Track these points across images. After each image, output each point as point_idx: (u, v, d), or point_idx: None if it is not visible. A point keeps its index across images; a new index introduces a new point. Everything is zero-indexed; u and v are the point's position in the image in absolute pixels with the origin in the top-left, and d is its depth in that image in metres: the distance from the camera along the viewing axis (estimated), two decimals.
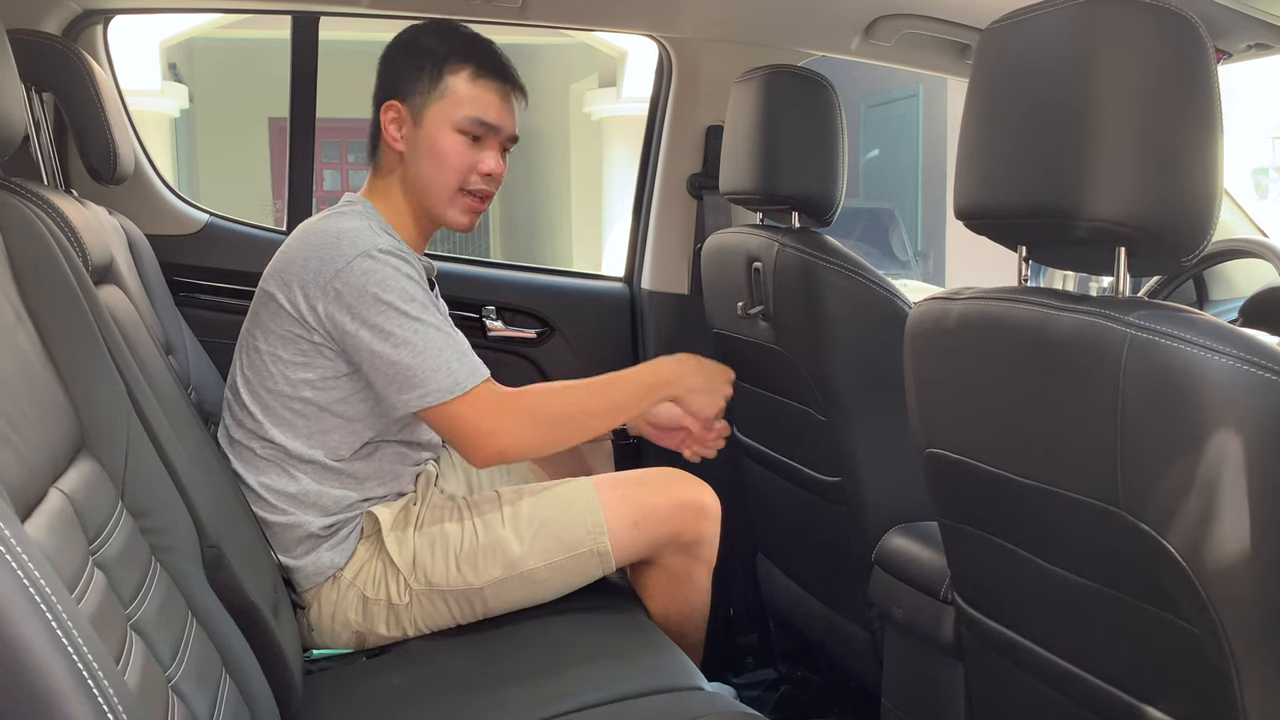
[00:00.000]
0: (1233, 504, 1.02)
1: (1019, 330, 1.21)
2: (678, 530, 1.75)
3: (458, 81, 1.76)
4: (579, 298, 2.69)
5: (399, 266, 1.64)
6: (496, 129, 1.78)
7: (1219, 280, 2.41)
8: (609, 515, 1.72)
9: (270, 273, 1.72)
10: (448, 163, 1.76)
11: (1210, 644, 1.07)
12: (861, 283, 1.84)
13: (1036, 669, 1.35)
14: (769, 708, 2.37)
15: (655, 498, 1.75)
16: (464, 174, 1.77)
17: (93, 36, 2.32)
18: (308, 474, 1.70)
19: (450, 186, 1.77)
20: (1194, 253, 1.11)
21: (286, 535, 1.70)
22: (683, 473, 1.82)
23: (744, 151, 1.98)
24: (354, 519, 1.73)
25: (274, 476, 1.70)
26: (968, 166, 1.27)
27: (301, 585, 1.71)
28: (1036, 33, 1.17)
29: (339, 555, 1.70)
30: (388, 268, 1.63)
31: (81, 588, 0.97)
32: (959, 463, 1.35)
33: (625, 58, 9.20)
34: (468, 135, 1.76)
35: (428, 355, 1.62)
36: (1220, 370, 1.01)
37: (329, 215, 1.76)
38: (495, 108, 1.77)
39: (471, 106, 1.76)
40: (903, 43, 2.32)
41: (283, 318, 1.67)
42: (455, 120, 1.75)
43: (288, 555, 1.70)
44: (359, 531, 1.73)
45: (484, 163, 1.77)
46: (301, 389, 1.69)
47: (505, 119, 1.79)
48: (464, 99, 1.75)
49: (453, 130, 1.76)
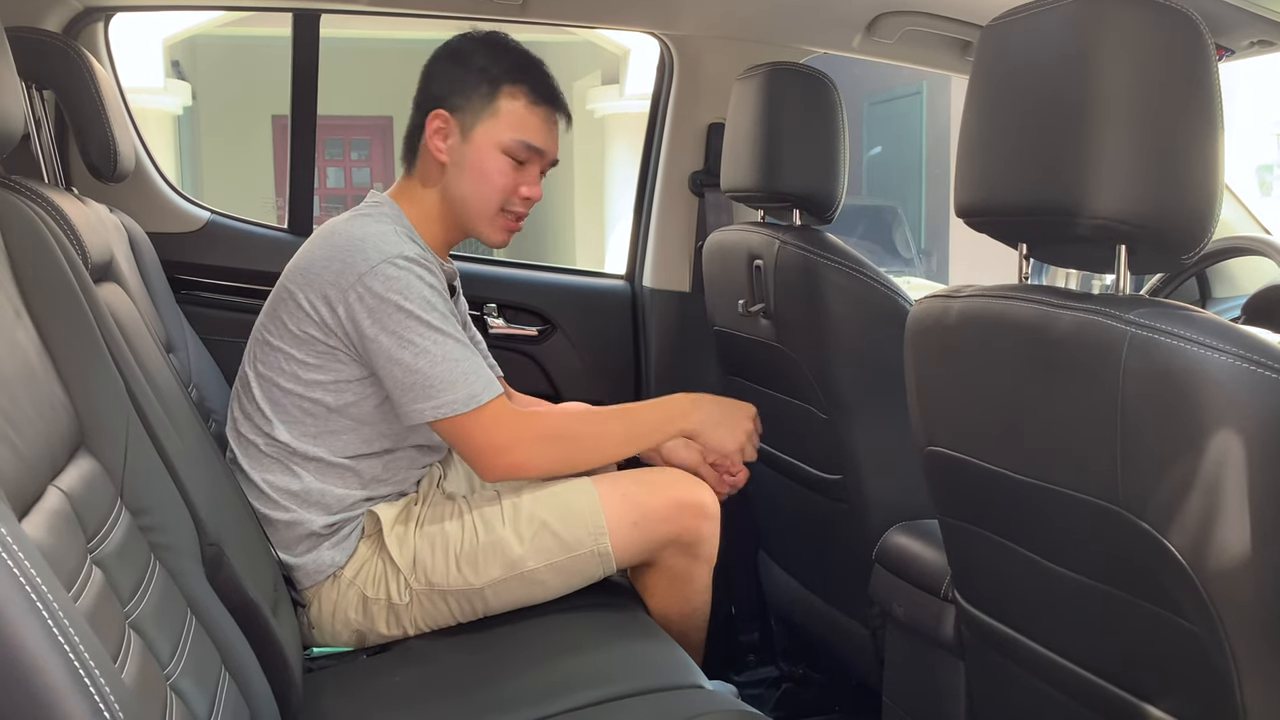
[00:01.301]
0: (1234, 503, 1.01)
1: (1019, 328, 1.21)
2: (678, 530, 1.74)
3: (512, 104, 1.76)
4: (580, 295, 2.69)
5: (422, 276, 1.64)
6: (542, 154, 1.78)
7: (1222, 278, 2.40)
8: (609, 515, 1.71)
9: (291, 270, 1.72)
10: (492, 182, 1.77)
11: (1210, 643, 1.07)
12: (862, 280, 1.83)
13: (1037, 667, 1.34)
14: (770, 705, 2.37)
15: (654, 497, 1.74)
16: (506, 195, 1.78)
17: (94, 34, 2.32)
18: (311, 472, 1.70)
19: (492, 206, 1.78)
20: (1195, 250, 1.10)
21: (288, 533, 1.70)
22: (681, 472, 1.81)
23: (745, 149, 1.98)
24: (355, 518, 1.72)
25: (278, 474, 1.70)
26: (968, 164, 1.26)
27: (302, 583, 1.71)
28: (1037, 29, 1.17)
29: (339, 554, 1.70)
30: (411, 275, 1.63)
31: (79, 586, 0.96)
32: (959, 461, 1.35)
33: (628, 55, 9.19)
34: (513, 158, 1.76)
35: (446, 366, 1.62)
36: (1221, 368, 1.01)
37: (354, 217, 1.75)
38: (543, 133, 1.78)
39: (522, 131, 1.76)
40: (905, 40, 2.32)
41: (301, 318, 1.67)
42: (503, 142, 1.75)
43: (288, 553, 1.70)
44: (360, 530, 1.73)
45: (526, 186, 1.78)
46: (314, 390, 1.69)
47: (551, 144, 1.80)
48: (515, 123, 1.76)
49: (499, 151, 1.76)
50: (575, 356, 2.58)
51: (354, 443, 1.71)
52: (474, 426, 1.64)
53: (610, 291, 2.69)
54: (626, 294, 2.67)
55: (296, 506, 1.69)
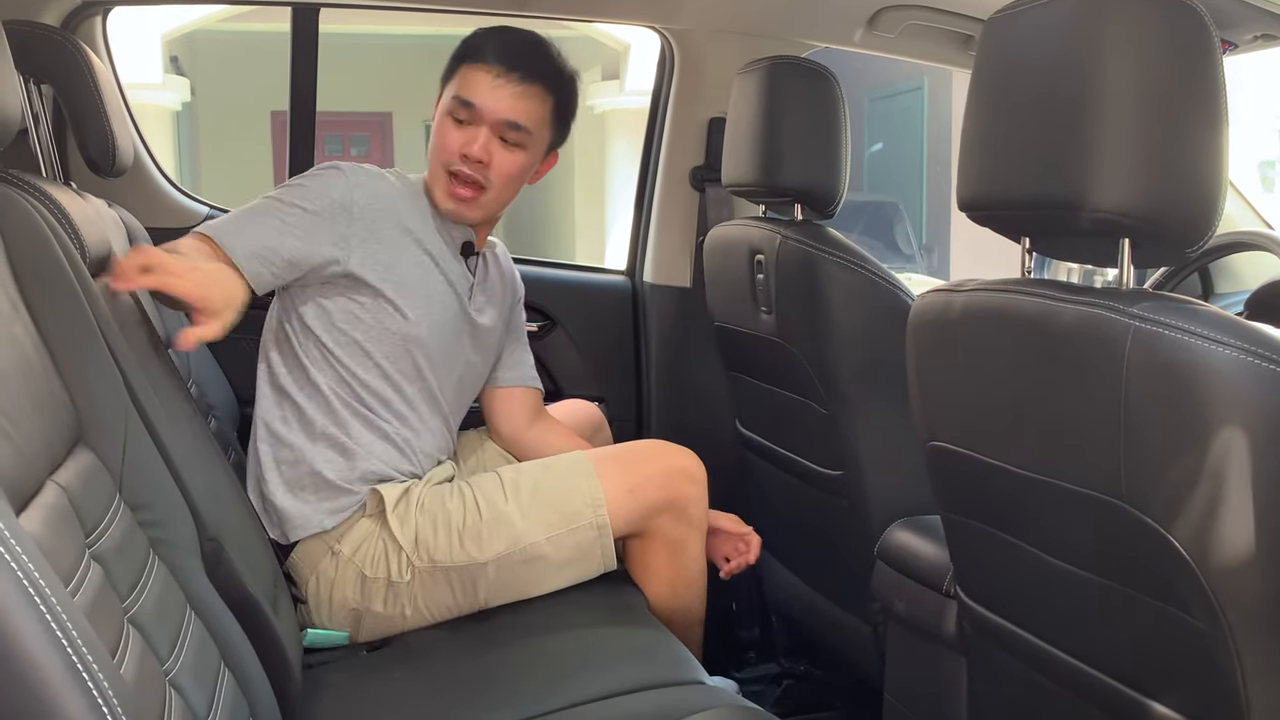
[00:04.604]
0: (1238, 498, 1.01)
1: (1022, 322, 1.20)
2: (670, 495, 1.79)
3: (462, 69, 1.79)
4: (580, 291, 2.68)
5: (329, 177, 1.74)
6: (477, 109, 1.76)
7: (1225, 273, 2.39)
8: (606, 486, 1.75)
9: None
10: (435, 143, 1.81)
11: (1215, 639, 1.06)
12: (863, 275, 1.83)
13: (1040, 663, 1.34)
14: (771, 702, 2.36)
15: (648, 465, 1.81)
16: (446, 155, 1.78)
17: (92, 28, 2.31)
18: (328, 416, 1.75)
19: (437, 166, 1.81)
20: (1198, 244, 1.10)
21: (292, 472, 1.73)
22: (667, 443, 1.88)
23: (746, 144, 1.97)
24: (355, 493, 1.73)
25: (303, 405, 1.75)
26: (970, 158, 1.26)
27: (289, 535, 1.72)
28: (1039, 23, 1.16)
29: (329, 519, 1.71)
30: (323, 174, 1.75)
31: (77, 581, 0.96)
32: (961, 456, 1.34)
33: (628, 51, 9.17)
34: (454, 118, 1.78)
35: (243, 210, 1.72)
36: (1225, 362, 1.00)
37: None
38: (481, 88, 1.77)
39: (458, 87, 1.78)
40: (906, 34, 2.31)
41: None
42: (447, 103, 1.79)
43: (288, 494, 1.72)
44: (362, 508, 1.73)
45: (468, 144, 1.77)
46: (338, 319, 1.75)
47: (490, 101, 1.76)
48: (459, 83, 1.78)
49: (445, 113, 1.79)
50: (575, 352, 2.57)
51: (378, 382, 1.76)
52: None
53: (610, 287, 2.68)
54: (627, 289, 2.66)
55: (310, 442, 1.73)
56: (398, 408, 1.78)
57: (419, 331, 1.77)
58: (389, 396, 1.77)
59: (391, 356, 1.77)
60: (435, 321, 1.80)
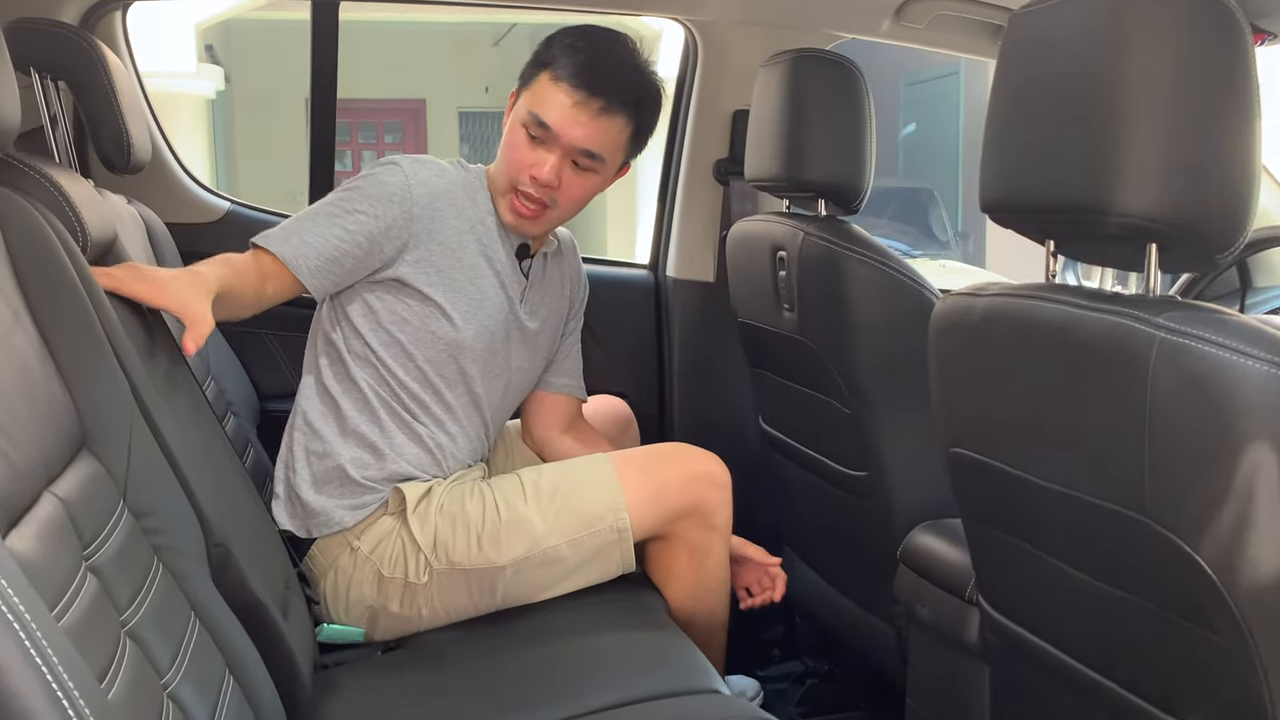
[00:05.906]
0: (1267, 517, 0.97)
1: (1044, 330, 1.16)
2: (693, 500, 1.75)
3: (541, 79, 1.74)
4: (603, 285, 2.64)
5: (384, 176, 1.72)
6: (553, 133, 1.71)
7: (1262, 267, 2.33)
8: (627, 489, 1.73)
9: None
10: (507, 155, 1.77)
11: (1241, 658, 1.03)
12: (888, 273, 1.79)
13: (1063, 676, 1.31)
14: (794, 701, 2.35)
15: (670, 469, 1.77)
16: (515, 171, 1.75)
17: (111, 24, 2.30)
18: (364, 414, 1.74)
19: (505, 178, 1.77)
20: (1228, 250, 1.06)
21: (320, 465, 1.72)
22: (691, 446, 1.83)
23: (769, 138, 1.93)
24: (378, 490, 1.72)
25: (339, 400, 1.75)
26: (993, 157, 1.23)
27: (310, 531, 1.71)
28: (1066, 17, 1.13)
29: (349, 517, 1.70)
30: (381, 170, 1.73)
31: (70, 596, 0.94)
32: (982, 464, 1.31)
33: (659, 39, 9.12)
34: (528, 134, 1.73)
35: (298, 217, 1.71)
36: (1254, 375, 0.96)
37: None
38: (558, 111, 1.71)
39: (536, 104, 1.73)
40: (935, 25, 2.27)
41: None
42: (522, 115, 1.74)
43: (312, 489, 1.71)
44: (384, 505, 1.72)
45: (538, 166, 1.73)
46: (384, 319, 1.74)
47: (566, 126, 1.71)
48: (536, 97, 1.73)
49: (519, 124, 1.75)
50: (597, 348, 2.54)
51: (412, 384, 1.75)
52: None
53: (633, 281, 2.65)
54: (650, 284, 2.63)
55: (340, 437, 1.73)
56: (435, 411, 1.77)
57: (465, 337, 1.76)
58: (427, 400, 1.76)
59: (435, 361, 1.76)
60: (483, 327, 1.78)
